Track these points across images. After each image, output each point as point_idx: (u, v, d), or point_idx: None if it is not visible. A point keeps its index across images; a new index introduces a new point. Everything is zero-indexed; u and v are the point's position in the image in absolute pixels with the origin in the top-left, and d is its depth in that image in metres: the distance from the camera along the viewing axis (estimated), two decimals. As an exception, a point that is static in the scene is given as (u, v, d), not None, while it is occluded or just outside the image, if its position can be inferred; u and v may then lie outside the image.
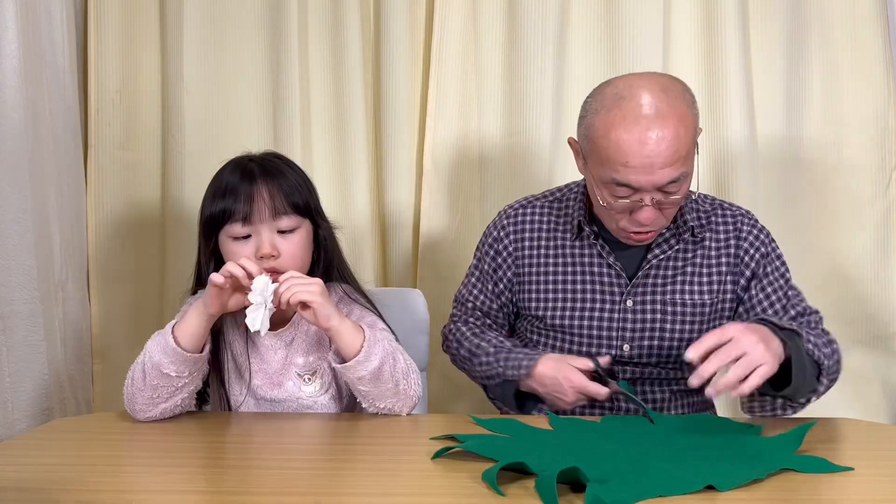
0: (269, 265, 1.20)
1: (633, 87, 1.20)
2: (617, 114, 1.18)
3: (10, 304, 1.36)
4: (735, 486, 0.86)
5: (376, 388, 1.17)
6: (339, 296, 1.31)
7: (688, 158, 1.20)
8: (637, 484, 0.86)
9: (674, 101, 1.19)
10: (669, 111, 1.18)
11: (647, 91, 1.19)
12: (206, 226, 1.25)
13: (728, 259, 1.33)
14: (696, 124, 1.22)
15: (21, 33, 1.40)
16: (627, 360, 1.33)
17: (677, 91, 1.21)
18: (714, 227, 1.35)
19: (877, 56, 1.82)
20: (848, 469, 0.93)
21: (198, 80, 1.84)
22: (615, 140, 1.18)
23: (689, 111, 1.20)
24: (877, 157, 1.85)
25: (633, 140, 1.17)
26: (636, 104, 1.18)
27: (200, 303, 1.16)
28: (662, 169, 1.17)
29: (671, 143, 1.17)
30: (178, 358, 1.14)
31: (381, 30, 1.86)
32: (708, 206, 1.37)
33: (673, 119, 1.17)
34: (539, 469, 0.88)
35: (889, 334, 1.87)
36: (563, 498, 0.84)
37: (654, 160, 1.17)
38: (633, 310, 1.32)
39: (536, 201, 1.44)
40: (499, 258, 1.41)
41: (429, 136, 1.86)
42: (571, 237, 1.37)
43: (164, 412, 1.18)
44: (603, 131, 1.20)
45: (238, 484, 0.93)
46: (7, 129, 1.37)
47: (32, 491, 0.90)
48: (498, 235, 1.42)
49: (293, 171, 1.28)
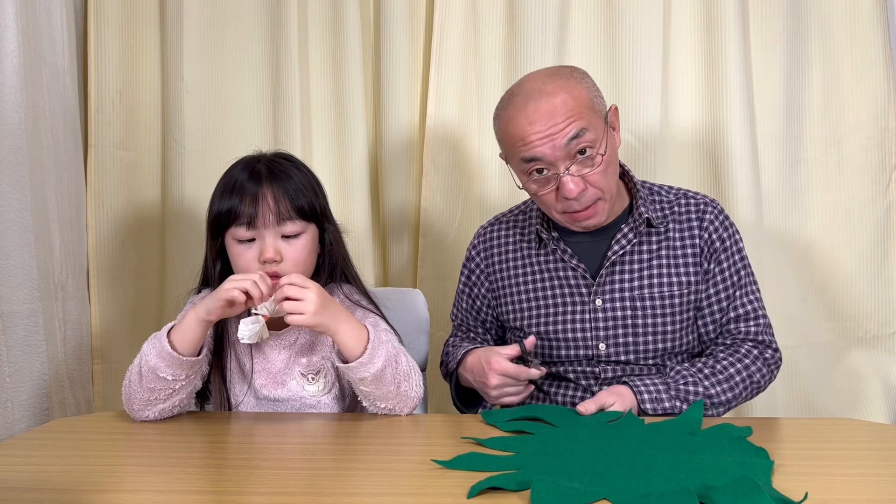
0: (271, 269, 1.21)
1: (521, 82, 1.30)
2: (510, 107, 1.27)
3: (10, 304, 1.36)
4: None
5: (378, 389, 1.17)
6: (340, 298, 1.31)
7: (584, 119, 1.23)
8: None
9: (558, 79, 1.26)
10: (553, 87, 1.24)
11: (532, 79, 1.28)
12: (212, 224, 1.26)
13: (693, 249, 1.34)
14: (588, 94, 1.26)
15: (21, 33, 1.40)
16: (606, 360, 1.34)
17: (564, 72, 1.28)
18: (677, 217, 1.36)
19: (877, 56, 1.82)
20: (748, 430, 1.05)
21: (198, 80, 1.84)
22: (511, 125, 1.26)
23: (577, 84, 1.26)
24: (877, 157, 1.85)
25: (522, 117, 1.24)
26: (522, 93, 1.27)
27: (201, 308, 1.16)
28: (558, 133, 1.22)
29: (558, 107, 1.23)
30: (173, 362, 1.14)
31: (381, 30, 1.87)
32: (672, 196, 1.39)
33: (557, 92, 1.24)
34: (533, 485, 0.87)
35: (889, 334, 1.87)
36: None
37: (548, 129, 1.23)
38: (602, 308, 1.34)
39: (504, 217, 1.50)
40: (472, 276, 1.48)
41: (429, 135, 1.86)
42: (536, 247, 1.40)
43: (162, 413, 1.19)
44: (503, 125, 1.29)
45: (238, 484, 0.93)
46: (7, 129, 1.37)
47: (32, 491, 0.90)
48: (470, 255, 1.49)
49: (301, 174, 1.28)
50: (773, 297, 1.43)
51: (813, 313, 1.89)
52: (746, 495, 0.81)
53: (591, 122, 1.24)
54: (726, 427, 1.10)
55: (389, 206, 1.90)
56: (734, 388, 1.27)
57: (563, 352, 1.36)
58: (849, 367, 1.90)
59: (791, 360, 1.76)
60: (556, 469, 0.93)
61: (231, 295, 1.13)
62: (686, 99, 1.86)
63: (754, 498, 0.81)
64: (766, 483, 0.88)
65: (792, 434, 1.18)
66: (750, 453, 0.99)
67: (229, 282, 1.14)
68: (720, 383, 1.27)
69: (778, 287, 1.84)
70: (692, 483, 0.87)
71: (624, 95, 1.84)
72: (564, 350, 1.36)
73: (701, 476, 0.90)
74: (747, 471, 0.91)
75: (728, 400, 1.27)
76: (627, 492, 0.86)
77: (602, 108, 1.28)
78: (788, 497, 0.83)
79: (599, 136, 1.25)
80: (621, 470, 0.93)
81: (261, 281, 1.14)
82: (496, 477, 0.90)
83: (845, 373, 1.90)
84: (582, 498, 0.84)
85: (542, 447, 1.03)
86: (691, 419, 1.14)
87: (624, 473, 0.92)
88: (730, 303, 1.34)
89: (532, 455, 1.00)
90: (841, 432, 1.14)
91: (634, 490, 0.86)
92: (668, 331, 1.33)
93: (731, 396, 1.27)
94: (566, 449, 1.02)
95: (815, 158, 1.87)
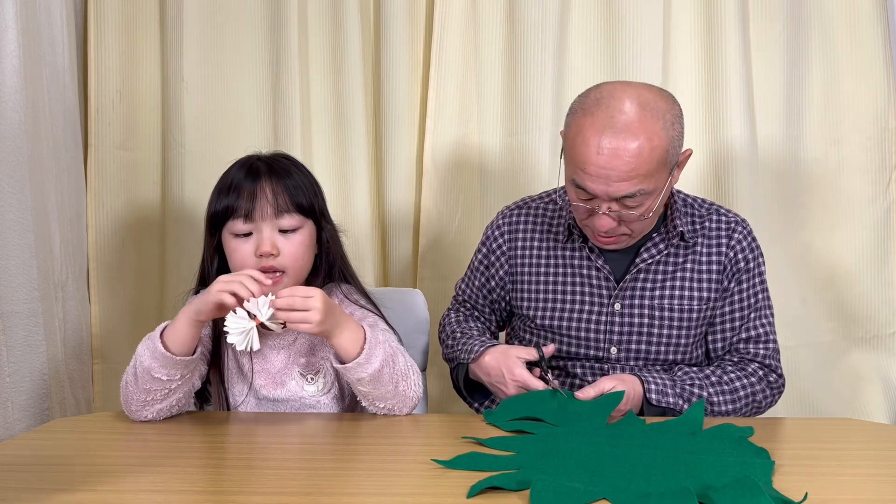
0: (268, 263, 1.20)
1: (615, 96, 1.20)
2: (590, 118, 1.19)
3: (10, 304, 1.36)
4: None
5: (376, 389, 1.17)
6: (339, 298, 1.31)
7: (649, 177, 1.19)
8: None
9: (647, 119, 1.17)
10: (639, 127, 1.16)
11: (625, 102, 1.19)
12: (209, 222, 1.26)
13: (718, 266, 1.34)
14: (668, 145, 1.20)
15: (21, 33, 1.40)
16: (615, 362, 1.34)
17: (657, 109, 1.19)
18: (707, 233, 1.35)
19: (877, 56, 1.82)
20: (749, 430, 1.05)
21: (198, 79, 1.84)
22: (580, 143, 1.19)
23: (662, 131, 1.18)
24: (877, 157, 1.85)
25: (592, 147, 1.17)
26: (608, 113, 1.18)
27: (192, 309, 1.15)
28: (618, 183, 1.18)
29: (630, 160, 1.16)
30: (167, 362, 1.14)
31: (381, 30, 1.87)
32: (704, 210, 1.37)
33: (639, 136, 1.16)
34: (533, 484, 0.87)
35: (889, 334, 1.87)
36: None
37: (609, 172, 1.17)
38: (620, 313, 1.33)
39: (532, 202, 1.46)
40: (492, 256, 1.44)
41: (429, 136, 1.86)
42: (563, 239, 1.38)
43: (160, 413, 1.18)
44: (574, 131, 1.21)
45: (238, 484, 0.93)
46: (7, 129, 1.37)
47: (32, 491, 0.90)
48: (493, 235, 1.45)
49: (300, 172, 1.28)
50: (774, 297, 1.43)
51: (813, 313, 1.89)
52: (746, 495, 0.81)
53: (656, 181, 1.20)
54: (727, 427, 1.10)
55: (389, 206, 1.90)
56: (736, 402, 1.27)
57: (574, 349, 1.36)
58: (849, 367, 1.90)
59: (791, 360, 1.76)
60: (557, 469, 0.93)
61: (219, 298, 1.11)
62: (686, 99, 1.85)
63: (754, 498, 0.81)
64: (767, 483, 0.88)
65: (792, 434, 1.18)
66: (751, 453, 0.99)
67: (218, 283, 1.12)
68: (724, 394, 1.27)
69: (778, 287, 1.83)
70: (692, 483, 0.87)
71: (624, 95, 1.84)
72: (575, 348, 1.36)
73: (701, 476, 0.90)
74: (748, 471, 0.91)
75: (728, 412, 1.27)
76: (627, 492, 0.86)
77: (675, 156, 1.23)
78: (788, 497, 0.83)
79: (658, 190, 1.22)
80: (621, 470, 0.93)
81: (249, 281, 1.11)
82: (496, 477, 0.90)
83: (845, 373, 1.90)
84: (581, 498, 0.84)
85: (542, 447, 1.03)
86: (692, 419, 1.14)
87: (624, 473, 0.92)
88: (743, 323, 1.34)
89: (532, 455, 1.00)
90: (841, 432, 1.14)
91: (634, 490, 0.86)
92: (681, 343, 1.33)
93: (732, 409, 1.27)
94: (566, 449, 1.02)
95: (815, 158, 1.87)
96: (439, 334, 1.50)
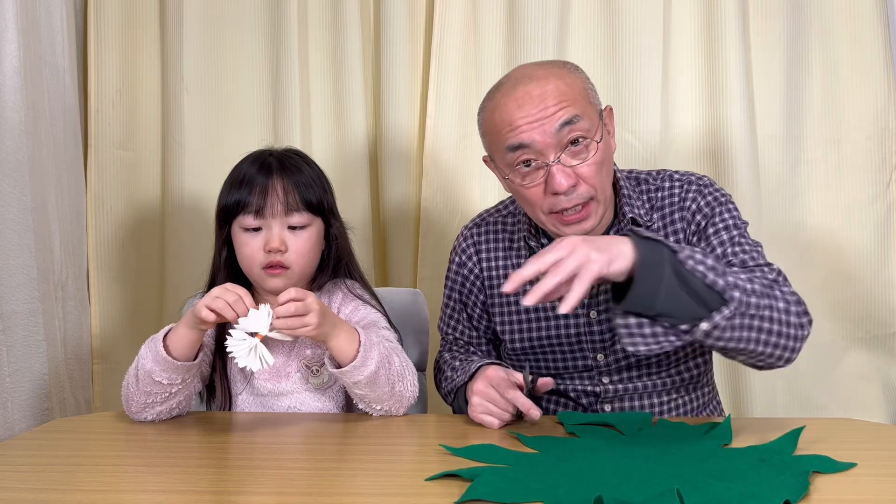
0: (276, 259, 1.22)
1: (509, 73, 1.21)
2: (495, 95, 1.19)
3: (10, 304, 1.36)
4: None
5: (373, 391, 1.18)
6: (343, 293, 1.31)
7: (576, 104, 1.14)
8: None
9: (549, 67, 1.18)
10: (544, 72, 1.17)
11: (521, 67, 1.21)
12: (220, 215, 1.27)
13: (676, 235, 1.24)
14: (583, 85, 1.18)
15: (21, 33, 1.40)
16: (606, 369, 1.28)
17: (556, 63, 1.21)
18: (659, 203, 1.25)
19: (877, 56, 1.82)
20: (851, 465, 0.93)
21: (198, 80, 1.84)
22: (498, 111, 1.17)
23: (570, 73, 1.18)
24: (877, 157, 1.85)
25: (510, 101, 1.15)
26: (510, 80, 1.19)
27: (190, 316, 1.14)
28: (548, 114, 1.12)
29: (550, 91, 1.13)
30: (168, 366, 1.14)
31: (381, 30, 1.87)
32: (659, 181, 1.28)
33: (549, 77, 1.15)
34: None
35: (889, 334, 1.87)
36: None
37: (537, 108, 1.13)
38: (598, 320, 1.26)
39: (490, 217, 1.39)
40: (467, 283, 1.37)
41: (429, 135, 1.86)
42: (526, 255, 1.29)
43: (160, 415, 1.19)
44: (488, 115, 1.20)
45: (238, 484, 0.93)
46: (7, 129, 1.37)
47: (32, 491, 0.90)
48: (461, 260, 1.38)
49: (310, 169, 1.29)
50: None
51: (813, 313, 1.89)
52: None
53: (586, 110, 1.15)
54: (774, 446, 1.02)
55: (389, 206, 1.90)
56: (753, 282, 1.07)
57: (561, 364, 1.30)
58: (849, 367, 1.90)
59: (791, 360, 1.76)
60: (552, 479, 0.89)
61: (202, 315, 1.10)
62: (686, 99, 1.86)
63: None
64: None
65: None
66: (788, 474, 0.90)
67: (208, 297, 1.11)
68: (739, 275, 1.07)
69: (778, 287, 1.84)
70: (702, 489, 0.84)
71: (624, 95, 1.84)
72: (562, 363, 1.30)
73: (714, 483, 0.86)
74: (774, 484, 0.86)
75: (750, 290, 1.04)
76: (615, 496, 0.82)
77: (597, 102, 1.20)
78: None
79: (594, 126, 1.15)
80: (617, 480, 0.88)
81: (237, 303, 1.10)
82: (485, 488, 0.86)
83: (845, 373, 1.90)
84: (519, 496, 0.82)
85: (539, 459, 0.98)
86: (721, 432, 1.07)
87: (618, 483, 0.87)
88: (728, 252, 1.19)
89: (551, 457, 0.97)
90: (841, 432, 1.14)
91: (620, 497, 0.82)
92: None
93: (752, 289, 1.05)
94: (580, 457, 0.97)
95: (815, 158, 1.87)
96: (435, 376, 1.40)
